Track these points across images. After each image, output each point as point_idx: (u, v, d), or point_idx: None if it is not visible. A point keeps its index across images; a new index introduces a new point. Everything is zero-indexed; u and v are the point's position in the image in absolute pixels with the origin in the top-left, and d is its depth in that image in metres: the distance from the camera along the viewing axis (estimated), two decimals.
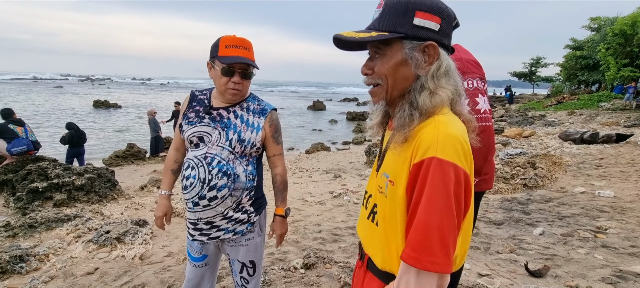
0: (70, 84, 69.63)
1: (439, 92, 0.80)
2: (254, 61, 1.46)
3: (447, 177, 0.71)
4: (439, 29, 0.80)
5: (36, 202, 4.42)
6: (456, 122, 0.81)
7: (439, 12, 0.80)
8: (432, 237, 0.70)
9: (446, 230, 0.70)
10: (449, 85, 0.82)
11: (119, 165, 9.11)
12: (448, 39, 0.83)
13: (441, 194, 0.70)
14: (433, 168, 0.72)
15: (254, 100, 1.57)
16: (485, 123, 1.34)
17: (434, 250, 0.70)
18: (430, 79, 0.81)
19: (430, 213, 0.71)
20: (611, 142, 7.99)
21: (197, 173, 1.43)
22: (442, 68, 0.81)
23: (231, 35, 1.42)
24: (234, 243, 1.55)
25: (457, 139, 0.74)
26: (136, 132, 15.79)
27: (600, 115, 13.76)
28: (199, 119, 1.48)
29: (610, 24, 21.67)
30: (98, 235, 3.35)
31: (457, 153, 0.73)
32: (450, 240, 0.71)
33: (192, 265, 1.61)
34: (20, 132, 5.40)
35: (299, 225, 3.94)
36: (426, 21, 0.79)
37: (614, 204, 4.19)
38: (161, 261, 3.03)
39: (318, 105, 31.58)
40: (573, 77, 27.99)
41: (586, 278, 2.53)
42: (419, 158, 0.75)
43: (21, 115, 6.35)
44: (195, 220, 1.49)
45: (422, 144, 0.76)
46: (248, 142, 1.47)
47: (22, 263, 2.83)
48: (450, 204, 0.71)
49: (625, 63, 17.92)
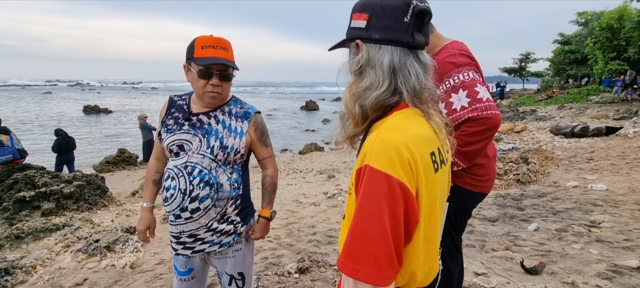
0: (59, 89, 68.58)
1: (346, 90, 0.81)
2: (233, 62, 1.38)
3: (378, 187, 0.68)
4: (366, 25, 0.79)
5: (23, 211, 4.30)
6: (408, 126, 0.76)
7: (368, 9, 0.79)
8: (360, 244, 0.68)
9: (375, 240, 0.67)
10: (362, 82, 0.79)
11: (110, 171, 8.97)
12: (381, 32, 0.78)
13: (371, 204, 0.68)
14: (366, 177, 0.70)
15: (236, 103, 1.48)
16: (490, 111, 1.29)
17: (358, 257, 0.68)
18: (351, 75, 0.82)
19: (358, 220, 0.69)
20: (601, 135, 8.09)
21: (177, 184, 1.34)
22: (359, 63, 0.79)
23: (208, 35, 1.34)
24: (221, 256, 1.49)
25: (392, 145, 0.70)
26: (127, 137, 15.57)
27: (590, 108, 13.95)
28: (178, 127, 1.39)
29: (597, 18, 22.03)
30: (87, 244, 3.27)
31: (390, 161, 0.69)
32: (378, 251, 0.67)
33: (178, 279, 1.54)
34: (5, 141, 5.26)
35: (293, 228, 3.89)
36: (356, 21, 0.81)
37: (606, 197, 4.22)
38: (152, 269, 2.96)
39: (311, 105, 31.54)
40: (562, 71, 28.40)
41: (582, 274, 2.53)
42: (359, 165, 0.74)
43: (8, 122, 6.19)
44: (177, 233, 1.41)
45: (363, 151, 0.75)
46: (231, 148, 1.39)
47: (7, 277, 2.73)
48: (380, 215, 0.67)
49: (613, 56, 18.23)
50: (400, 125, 0.76)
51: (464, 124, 1.32)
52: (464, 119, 1.32)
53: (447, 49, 1.44)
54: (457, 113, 1.33)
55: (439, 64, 1.33)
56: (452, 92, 1.35)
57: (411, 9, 0.77)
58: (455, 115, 1.33)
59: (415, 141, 0.73)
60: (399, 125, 0.75)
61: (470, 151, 1.33)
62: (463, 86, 1.33)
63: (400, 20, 0.77)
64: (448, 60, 1.37)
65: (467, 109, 1.31)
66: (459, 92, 1.33)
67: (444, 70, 1.36)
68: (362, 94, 0.78)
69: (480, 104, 1.30)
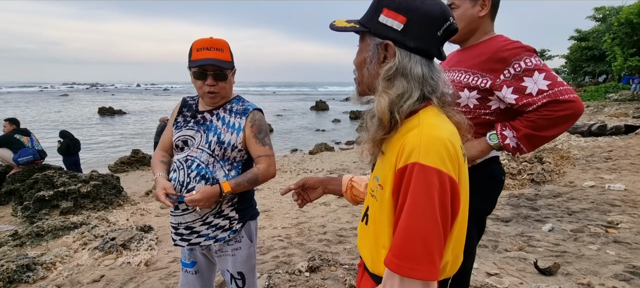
0: (76, 92, 70.41)
1: (381, 96, 0.77)
2: (230, 61, 1.41)
3: (430, 183, 0.68)
4: (402, 29, 0.76)
5: (43, 210, 4.45)
6: (444, 123, 0.78)
7: (407, 11, 0.76)
8: (414, 243, 0.68)
9: (429, 237, 0.68)
10: (393, 89, 0.76)
11: (125, 171, 9.17)
12: (417, 41, 0.76)
13: (423, 200, 0.68)
14: (416, 174, 0.69)
15: (238, 101, 1.53)
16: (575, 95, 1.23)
17: (415, 256, 0.68)
18: (380, 80, 0.78)
19: (412, 219, 0.69)
20: (620, 133, 7.85)
21: (177, 176, 1.41)
22: (391, 70, 0.76)
23: (204, 38, 1.38)
24: (221, 253, 1.51)
25: (441, 141, 0.71)
26: (141, 138, 15.90)
27: (608, 106, 13.55)
28: (185, 123, 1.48)
29: (616, 13, 21.37)
30: (104, 242, 3.36)
31: (441, 158, 0.70)
32: (434, 247, 0.68)
33: (183, 272, 1.60)
34: (26, 142, 5.45)
35: (303, 227, 3.91)
36: (390, 19, 0.77)
37: (625, 198, 4.10)
38: (167, 267, 3.03)
39: (321, 105, 31.58)
40: (579, 68, 27.66)
41: (598, 275, 2.47)
42: (402, 163, 0.73)
43: (28, 124, 6.41)
44: (176, 224, 1.47)
45: (406, 148, 0.73)
46: (228, 144, 1.42)
47: (29, 272, 2.84)
48: (433, 211, 0.68)
49: (632, 53, 17.65)
50: (439, 121, 0.77)
51: (544, 107, 1.23)
52: (543, 102, 1.23)
53: (499, 37, 1.38)
54: (532, 97, 1.24)
55: (501, 49, 1.29)
56: (524, 75, 1.26)
57: (447, 25, 0.77)
58: (531, 99, 1.25)
59: (453, 135, 0.76)
60: (438, 121, 0.76)
61: (544, 136, 1.26)
62: (538, 69, 1.25)
63: (435, 33, 0.77)
64: (515, 45, 1.31)
65: (546, 92, 1.23)
66: (533, 74, 1.25)
67: (511, 53, 1.28)
68: (397, 101, 0.77)
69: (563, 87, 1.23)
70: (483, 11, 1.38)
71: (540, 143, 1.30)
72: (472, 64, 1.36)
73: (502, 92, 1.29)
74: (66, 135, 7.60)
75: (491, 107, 1.36)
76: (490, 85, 1.30)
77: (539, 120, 1.24)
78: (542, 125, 1.24)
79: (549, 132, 1.25)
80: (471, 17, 1.39)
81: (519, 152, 1.31)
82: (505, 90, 1.29)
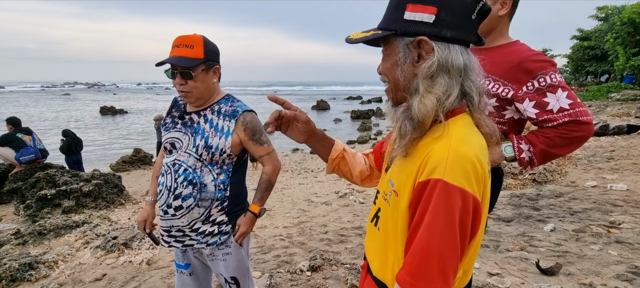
0: (77, 91, 70.56)
1: (425, 97, 0.71)
2: (198, 58, 1.31)
3: (453, 203, 0.64)
4: (434, 21, 0.70)
5: (45, 209, 4.47)
6: (474, 137, 0.72)
7: (436, 1, 0.70)
8: (431, 263, 0.66)
9: (447, 257, 0.65)
10: (436, 87, 0.71)
11: (126, 170, 9.19)
12: (453, 29, 0.70)
13: (445, 220, 0.65)
14: (438, 192, 0.65)
15: (227, 101, 1.45)
16: (591, 118, 1.24)
17: (431, 276, 0.66)
18: (421, 80, 0.72)
19: (431, 238, 0.65)
20: (622, 133, 7.82)
21: (165, 180, 1.38)
22: (433, 67, 0.70)
23: (182, 35, 1.33)
24: (213, 257, 1.49)
25: (469, 159, 0.67)
26: (143, 137, 15.93)
27: (610, 106, 13.49)
28: (173, 125, 1.44)
29: (618, 12, 21.27)
30: (106, 241, 3.37)
31: (467, 177, 0.66)
32: (450, 267, 0.66)
33: (179, 273, 1.58)
34: (28, 141, 5.46)
35: (305, 226, 3.91)
36: (417, 14, 0.71)
37: (627, 198, 4.08)
38: (168, 266, 3.03)
39: (322, 104, 31.56)
40: (581, 68, 27.55)
41: (600, 276, 2.47)
42: (425, 177, 0.68)
43: (29, 123, 6.42)
44: (167, 228, 1.46)
45: (430, 161, 0.68)
46: (216, 148, 1.36)
47: (31, 271, 2.85)
48: (453, 231, 0.65)
49: (635, 52, 17.56)
50: (469, 135, 0.72)
51: (563, 126, 1.24)
52: (564, 121, 1.23)
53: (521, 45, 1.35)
54: (553, 114, 1.24)
55: (527, 60, 1.26)
56: (548, 91, 1.24)
57: (480, 6, 0.71)
58: (552, 116, 1.24)
59: (482, 153, 0.70)
60: (468, 135, 0.71)
61: (556, 154, 1.27)
62: (562, 87, 1.24)
63: (469, 17, 0.71)
64: (541, 58, 1.28)
65: (567, 111, 1.22)
66: (557, 91, 1.24)
67: (538, 67, 1.26)
68: (443, 99, 0.71)
69: (582, 108, 1.23)
70: (503, 10, 1.34)
71: (551, 159, 1.31)
72: (494, 70, 1.31)
73: (523, 104, 1.27)
74: (68, 134, 7.57)
75: (505, 116, 1.34)
76: (511, 96, 1.28)
77: (556, 138, 1.24)
78: (558, 143, 1.25)
79: (562, 150, 1.26)
80: (490, 15, 1.33)
81: (530, 166, 1.31)
82: (526, 103, 1.26)
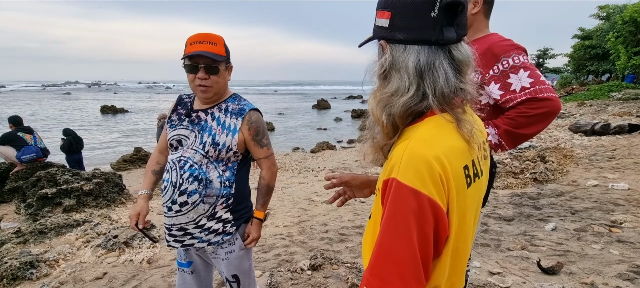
0: (78, 90, 70.67)
1: (373, 94, 0.74)
2: (224, 56, 1.37)
3: (405, 204, 0.63)
4: (389, 24, 0.73)
5: (46, 208, 4.47)
6: (441, 138, 0.70)
7: (390, 6, 0.73)
8: (388, 263, 0.64)
9: (403, 260, 0.63)
10: (388, 86, 0.72)
11: (127, 169, 9.21)
12: (406, 31, 0.71)
13: (398, 222, 0.63)
14: (393, 192, 0.65)
15: (234, 100, 1.48)
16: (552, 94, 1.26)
17: (386, 278, 0.64)
18: (377, 80, 0.75)
19: (385, 240, 0.65)
20: (624, 132, 7.80)
21: (170, 176, 1.39)
22: (384, 66, 0.73)
23: (200, 32, 1.36)
24: (215, 256, 1.50)
25: (423, 159, 0.65)
26: (143, 136, 15.95)
27: (612, 105, 13.45)
28: (179, 122, 1.45)
29: (620, 11, 21.22)
30: (106, 240, 3.37)
31: (420, 177, 0.64)
32: (408, 271, 0.63)
33: (180, 271, 1.58)
34: (29, 140, 5.47)
35: (305, 225, 3.91)
36: (380, 19, 0.75)
37: (628, 197, 4.07)
38: (169, 264, 3.04)
39: (322, 103, 31.56)
40: (582, 67, 27.48)
41: (602, 275, 2.46)
42: (386, 175, 0.69)
43: (30, 122, 6.43)
44: (169, 226, 1.45)
45: (391, 160, 0.70)
46: (223, 145, 1.39)
47: (32, 270, 2.85)
48: (408, 234, 0.63)
49: (636, 51, 17.51)
50: (433, 135, 0.70)
51: (522, 105, 1.27)
52: (522, 99, 1.26)
53: (494, 35, 1.40)
54: (516, 93, 1.28)
55: (494, 45, 1.31)
56: (510, 72, 1.29)
57: (438, 3, 0.69)
58: (513, 96, 1.28)
59: (448, 154, 0.67)
60: (431, 135, 0.69)
61: (523, 134, 1.28)
62: (524, 67, 1.28)
63: (427, 16, 0.69)
64: (507, 43, 1.33)
65: (528, 89, 1.26)
66: (519, 72, 1.28)
67: (502, 50, 1.31)
68: (389, 100, 0.72)
69: (544, 86, 1.26)
70: (475, 8, 1.40)
71: (520, 140, 1.32)
72: None
73: (489, 87, 1.32)
74: (69, 133, 7.57)
75: (481, 102, 1.37)
76: (479, 80, 1.32)
77: (518, 117, 1.27)
78: (521, 122, 1.27)
79: (527, 129, 1.29)
80: None
81: (501, 149, 1.34)
82: (492, 86, 1.32)
